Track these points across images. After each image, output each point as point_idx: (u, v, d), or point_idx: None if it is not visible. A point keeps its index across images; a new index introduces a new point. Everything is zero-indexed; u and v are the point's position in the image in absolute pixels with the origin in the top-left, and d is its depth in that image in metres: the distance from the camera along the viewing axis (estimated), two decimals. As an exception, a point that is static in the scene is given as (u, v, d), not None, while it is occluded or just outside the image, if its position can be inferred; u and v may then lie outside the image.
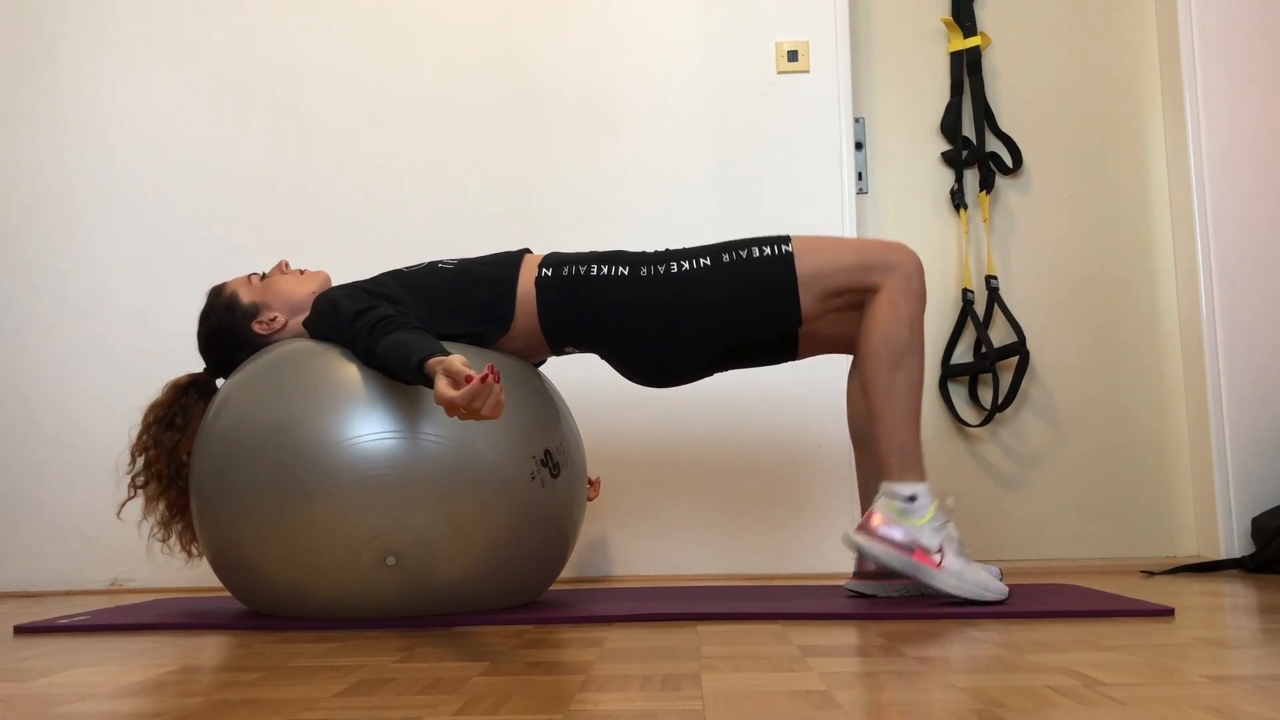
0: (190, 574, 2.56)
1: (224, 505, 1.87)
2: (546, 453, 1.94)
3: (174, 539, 2.07)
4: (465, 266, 2.06)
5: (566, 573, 2.78)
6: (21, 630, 1.94)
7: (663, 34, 2.97)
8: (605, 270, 2.01)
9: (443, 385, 1.57)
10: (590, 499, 2.30)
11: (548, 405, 2.03)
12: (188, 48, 3.01)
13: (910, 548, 1.88)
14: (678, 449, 2.83)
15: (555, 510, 1.96)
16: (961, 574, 1.88)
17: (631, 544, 2.81)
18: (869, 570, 2.07)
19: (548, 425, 1.98)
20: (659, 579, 2.75)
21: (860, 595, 2.05)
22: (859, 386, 2.07)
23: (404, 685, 1.29)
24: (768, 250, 1.99)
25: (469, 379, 1.54)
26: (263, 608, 1.95)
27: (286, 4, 3.01)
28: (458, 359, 1.61)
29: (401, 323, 1.83)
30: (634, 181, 2.92)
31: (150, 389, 2.25)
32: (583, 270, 2.01)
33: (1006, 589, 1.91)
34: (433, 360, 1.65)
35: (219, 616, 1.98)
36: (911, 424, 1.94)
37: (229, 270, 2.76)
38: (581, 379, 2.78)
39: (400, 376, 1.75)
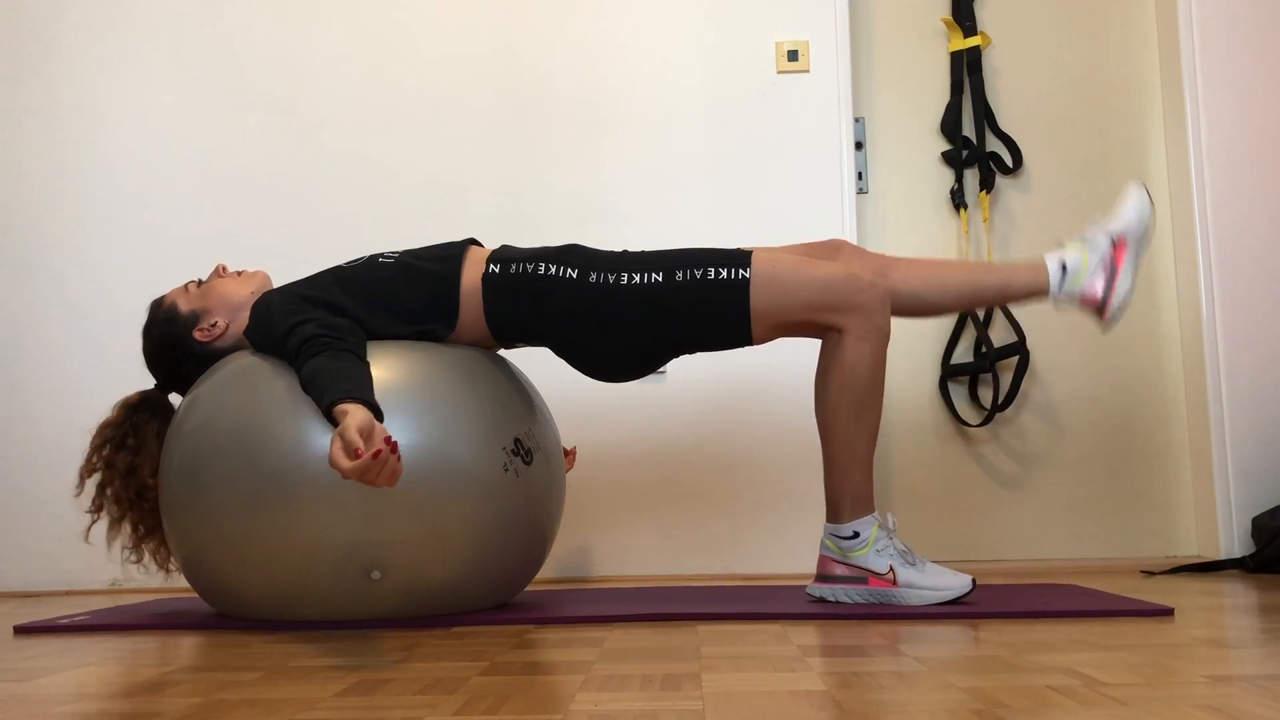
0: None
1: (197, 521, 1.84)
2: (516, 441, 1.91)
3: (147, 558, 2.03)
4: (406, 261, 2.01)
5: (566, 573, 2.78)
6: (21, 630, 1.93)
7: (662, 34, 2.97)
8: (554, 270, 1.96)
9: (336, 451, 1.54)
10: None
11: (512, 391, 1.99)
12: (188, 47, 3.01)
13: (863, 578, 1.94)
14: (677, 449, 2.83)
15: (533, 498, 1.94)
16: (917, 583, 1.91)
17: (631, 544, 2.81)
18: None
19: (514, 412, 1.95)
20: (659, 579, 2.75)
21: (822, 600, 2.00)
22: (818, 422, 2.01)
23: (404, 685, 1.29)
24: (724, 274, 1.93)
25: (359, 453, 1.51)
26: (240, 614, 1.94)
27: (286, 4, 3.01)
28: (355, 423, 1.56)
29: (326, 343, 1.77)
30: (633, 181, 2.92)
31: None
32: (530, 269, 1.97)
33: (969, 580, 1.93)
34: (337, 410, 1.62)
35: (219, 617, 1.98)
36: (866, 467, 1.96)
37: (229, 270, 2.76)
38: (579, 380, 2.78)
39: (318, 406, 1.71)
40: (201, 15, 3.02)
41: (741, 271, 1.93)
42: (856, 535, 1.94)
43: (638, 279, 1.94)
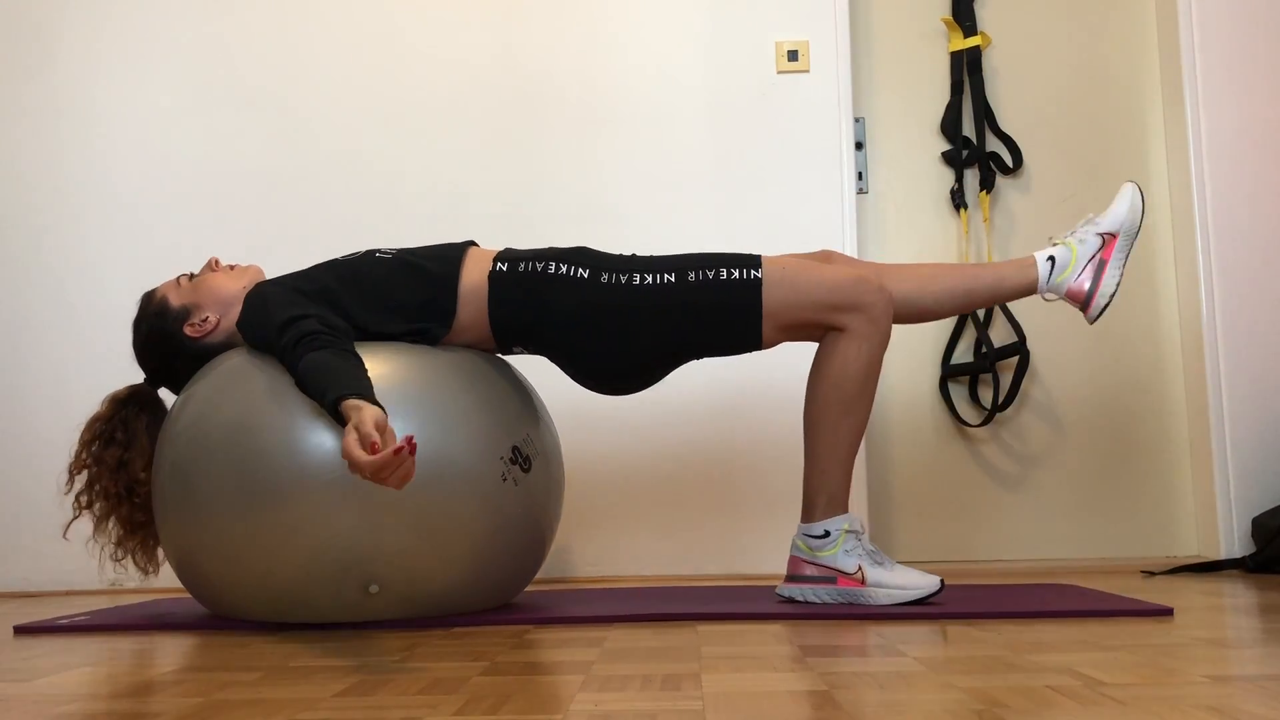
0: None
1: (189, 523, 1.82)
2: (515, 449, 1.89)
3: (128, 558, 2.00)
4: (403, 258, 1.97)
5: (566, 573, 2.78)
6: (21, 630, 1.93)
7: (662, 34, 2.97)
8: (564, 270, 1.93)
9: (351, 444, 1.49)
10: None
11: (511, 396, 1.96)
12: (186, 48, 3.01)
13: (832, 577, 1.94)
14: (677, 449, 2.83)
15: (532, 505, 1.92)
16: (885, 582, 1.91)
17: (631, 544, 2.81)
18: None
19: (514, 419, 1.92)
20: (659, 579, 2.75)
21: (791, 600, 2.00)
22: (805, 416, 2.00)
23: (404, 685, 1.29)
24: (736, 274, 1.93)
25: (375, 448, 1.47)
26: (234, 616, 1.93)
27: (285, 4, 3.01)
28: (371, 417, 1.52)
29: (328, 340, 1.73)
30: (633, 182, 2.92)
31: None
32: (540, 268, 1.94)
33: (937, 580, 1.92)
34: (347, 404, 1.57)
35: (219, 617, 1.98)
36: (846, 466, 1.97)
37: (229, 270, 2.76)
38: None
39: (317, 401, 1.66)
40: (201, 17, 3.02)
41: (753, 272, 1.93)
42: (826, 534, 1.95)
43: (650, 279, 1.93)
